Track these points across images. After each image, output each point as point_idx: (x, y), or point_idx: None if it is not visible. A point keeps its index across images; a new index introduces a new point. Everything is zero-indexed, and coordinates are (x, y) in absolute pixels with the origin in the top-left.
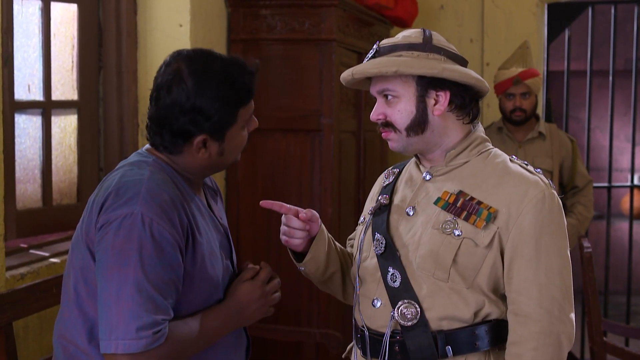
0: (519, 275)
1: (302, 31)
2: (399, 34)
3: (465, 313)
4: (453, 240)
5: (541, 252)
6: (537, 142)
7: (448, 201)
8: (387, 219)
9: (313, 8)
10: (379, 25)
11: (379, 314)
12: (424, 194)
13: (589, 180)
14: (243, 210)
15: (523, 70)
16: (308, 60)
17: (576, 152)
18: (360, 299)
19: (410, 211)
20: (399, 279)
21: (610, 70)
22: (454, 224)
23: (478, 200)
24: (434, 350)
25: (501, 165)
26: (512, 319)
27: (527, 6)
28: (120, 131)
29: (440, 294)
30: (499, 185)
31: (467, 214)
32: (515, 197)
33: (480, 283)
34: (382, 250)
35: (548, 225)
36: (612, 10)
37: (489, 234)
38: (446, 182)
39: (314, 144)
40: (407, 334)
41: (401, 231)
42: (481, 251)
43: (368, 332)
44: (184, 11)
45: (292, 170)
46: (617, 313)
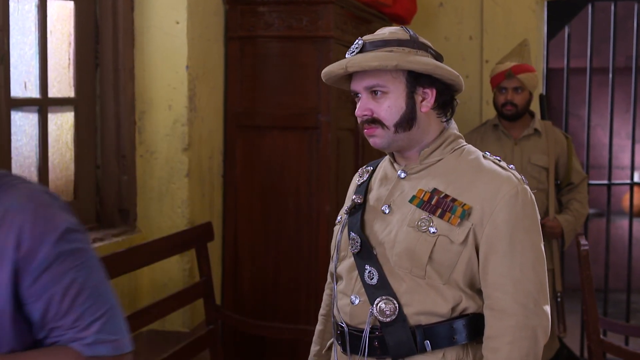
0: (494, 271)
1: (300, 28)
2: (381, 30)
3: (442, 308)
4: (429, 237)
5: (515, 247)
6: (533, 139)
7: (423, 199)
8: (362, 218)
9: (310, 5)
10: (377, 23)
11: (358, 311)
12: (399, 192)
13: (584, 177)
14: (241, 208)
15: (516, 64)
16: (306, 57)
17: (571, 149)
18: (339, 296)
19: (386, 209)
20: (376, 277)
21: (610, 67)
22: (429, 221)
23: (452, 198)
24: (413, 345)
25: (474, 162)
26: (488, 314)
27: (527, 3)
28: (117, 129)
29: (417, 290)
30: (472, 182)
31: (441, 211)
32: (488, 193)
33: (457, 279)
34: (357, 249)
35: (521, 220)
36: (612, 8)
37: (463, 231)
38: (421, 180)
39: (311, 142)
40: (386, 329)
41: (377, 229)
42: (456, 248)
43: (348, 329)
44: (180, 8)
45: (290, 167)
46: (618, 311)
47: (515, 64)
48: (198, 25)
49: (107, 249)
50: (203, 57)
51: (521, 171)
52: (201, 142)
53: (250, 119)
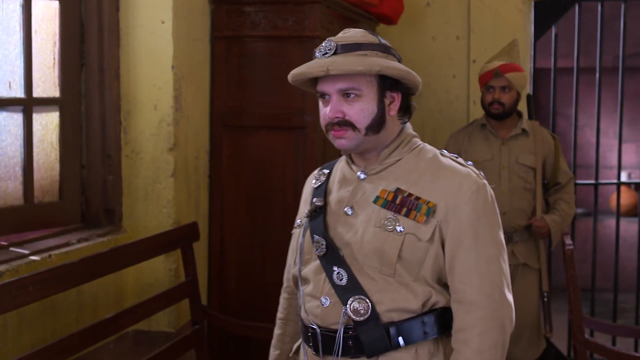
0: (461, 265)
1: (286, 28)
2: (348, 32)
3: (413, 304)
4: (396, 237)
5: (479, 241)
6: (521, 138)
7: (387, 199)
8: (324, 221)
9: (297, 5)
10: (364, 23)
11: (329, 312)
12: (360, 193)
13: (571, 177)
14: (227, 207)
15: (504, 64)
16: (292, 57)
17: (558, 149)
18: (306, 299)
19: (349, 211)
20: (346, 277)
21: (597, 67)
22: (395, 221)
23: (416, 196)
24: (387, 341)
25: (433, 160)
26: (457, 307)
27: (514, 3)
28: (102, 128)
29: (388, 288)
30: (434, 180)
31: (407, 210)
32: (450, 190)
33: (425, 275)
34: (323, 251)
35: (483, 214)
36: (599, 8)
37: (430, 228)
38: (382, 180)
39: (297, 141)
40: (360, 328)
41: (341, 231)
42: (424, 245)
43: (320, 330)
44: (166, 8)
45: (276, 167)
46: (606, 310)
47: (503, 63)
48: (183, 25)
49: (93, 249)
50: (189, 56)
51: (509, 171)
52: (187, 142)
53: (236, 119)
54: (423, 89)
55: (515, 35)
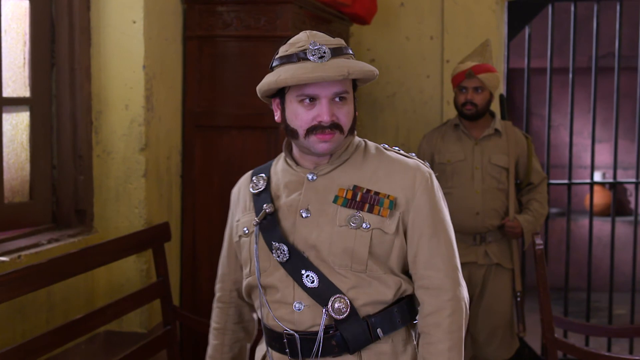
0: (425, 252)
1: (258, 28)
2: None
3: (387, 295)
4: (364, 233)
5: (437, 227)
6: (493, 139)
7: (346, 197)
8: (279, 226)
9: (269, 5)
10: (338, 23)
11: (305, 316)
12: (313, 194)
13: (544, 177)
14: (199, 207)
15: (477, 64)
16: (264, 57)
17: (531, 149)
18: (274, 306)
19: (305, 213)
20: (316, 279)
21: (570, 67)
22: (360, 218)
23: (375, 191)
24: (368, 335)
25: (381, 154)
26: (424, 293)
27: (487, 4)
28: (73, 128)
29: (361, 283)
30: (388, 174)
31: (369, 206)
32: (406, 182)
33: (392, 266)
34: (286, 257)
35: (437, 202)
36: (572, 8)
37: (394, 221)
38: (333, 180)
39: (269, 142)
40: (341, 326)
41: (302, 235)
42: (390, 238)
43: (299, 335)
44: (137, 7)
45: (249, 167)
46: (580, 309)
47: (476, 63)
48: (155, 25)
49: (63, 249)
50: (160, 56)
51: (481, 171)
52: (159, 142)
53: (208, 119)
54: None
55: (489, 36)
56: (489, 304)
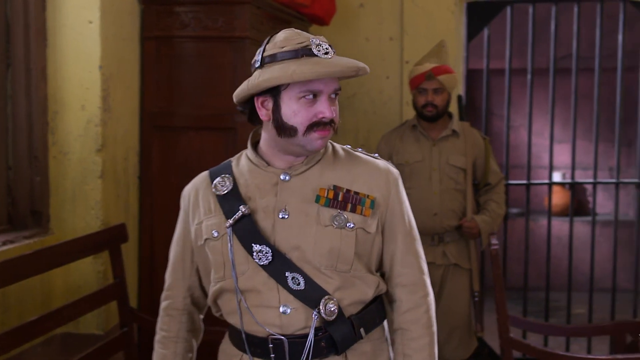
0: (401, 250)
1: (216, 29)
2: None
3: (368, 294)
4: (349, 233)
5: (409, 225)
6: (451, 140)
7: (328, 197)
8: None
9: (226, 5)
10: (297, 23)
11: (292, 319)
12: (289, 194)
13: (502, 177)
14: (157, 209)
15: (436, 66)
16: (222, 58)
17: (489, 150)
18: (256, 310)
19: (283, 214)
20: (302, 281)
21: (529, 68)
22: (344, 217)
23: (354, 191)
24: (354, 335)
25: (350, 155)
26: (400, 290)
27: (446, 5)
28: (29, 129)
29: (346, 284)
30: (361, 174)
31: (352, 205)
32: (381, 182)
33: (371, 265)
34: (269, 260)
35: (405, 201)
36: (531, 10)
37: (374, 220)
38: (307, 180)
39: (227, 142)
40: (331, 327)
41: (283, 236)
42: (371, 237)
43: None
44: (93, 7)
45: (207, 168)
46: (540, 309)
47: (435, 65)
48: (112, 25)
49: (19, 251)
50: (117, 57)
51: (439, 172)
52: (116, 143)
53: (166, 120)
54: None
55: (448, 37)
56: (447, 304)
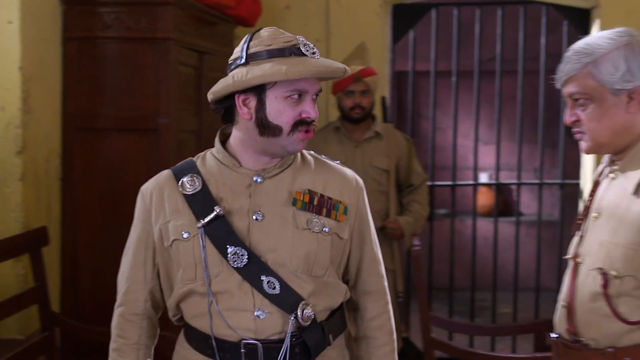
0: (367, 258)
1: (139, 29)
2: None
3: (338, 301)
4: (326, 237)
5: (373, 233)
6: (374, 141)
7: (304, 201)
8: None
9: (149, 6)
10: (222, 25)
11: (267, 323)
12: (263, 197)
13: (425, 178)
14: (80, 211)
15: (363, 68)
16: (145, 59)
17: (411, 151)
18: (228, 314)
19: (258, 217)
20: (278, 285)
21: (453, 70)
22: (320, 222)
23: (328, 196)
24: (324, 341)
25: (318, 161)
26: (365, 297)
27: (372, 7)
28: None
29: (319, 289)
30: (334, 181)
31: (327, 210)
32: (350, 190)
33: (340, 271)
34: (245, 262)
35: (369, 209)
36: (455, 12)
37: (347, 226)
38: (281, 183)
39: (151, 144)
40: (305, 333)
41: (258, 238)
42: (343, 243)
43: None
44: (13, 8)
45: (130, 170)
46: (467, 309)
47: (361, 67)
48: (32, 25)
49: None
50: (38, 57)
51: (363, 174)
52: (36, 145)
53: (89, 121)
54: None
55: (374, 38)
56: None
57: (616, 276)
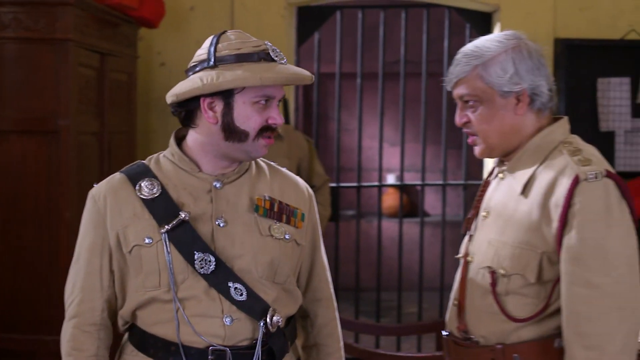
0: (318, 264)
1: (37, 30)
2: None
3: (294, 308)
4: (287, 244)
5: (321, 239)
6: (275, 143)
7: (265, 207)
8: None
9: (48, 7)
10: (125, 26)
11: (236, 330)
12: (224, 202)
13: (326, 179)
14: None
15: None
16: (43, 60)
17: (313, 152)
18: (195, 320)
19: (221, 222)
20: (245, 292)
21: (358, 72)
22: (281, 228)
23: (286, 203)
24: (286, 348)
25: (274, 168)
26: (316, 305)
27: (276, 9)
28: None
29: (281, 296)
30: (288, 188)
31: (286, 217)
32: (304, 197)
33: (295, 278)
34: (212, 268)
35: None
36: (360, 15)
37: (304, 233)
38: (239, 189)
39: (50, 146)
40: (271, 339)
41: (223, 244)
42: (301, 249)
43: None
44: None
45: (29, 173)
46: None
47: None
48: None
49: None
50: None
51: None
52: None
53: None
54: None
55: (279, 40)
56: None
57: (504, 274)
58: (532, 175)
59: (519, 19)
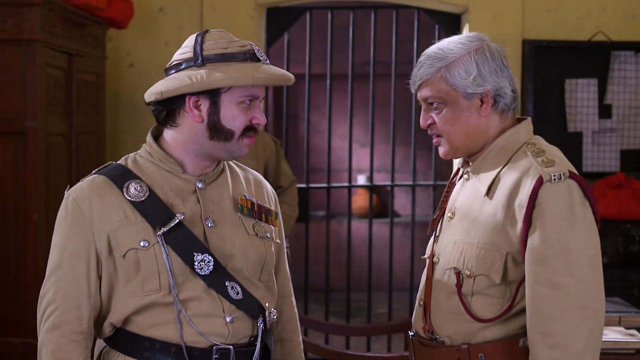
0: (282, 262)
1: (4, 30)
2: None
3: (274, 304)
4: (269, 242)
5: (285, 238)
6: None
7: (248, 207)
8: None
9: (15, 7)
10: (93, 27)
11: (237, 328)
12: (210, 202)
13: (293, 180)
14: None
15: None
16: (10, 60)
17: (280, 152)
18: (197, 320)
19: (210, 223)
20: (240, 290)
21: (328, 73)
22: (263, 227)
23: (261, 202)
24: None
25: (242, 168)
26: (282, 301)
27: (246, 10)
28: None
29: (267, 294)
30: (259, 187)
31: (265, 216)
32: (271, 195)
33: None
34: (211, 269)
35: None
36: (330, 16)
37: (279, 231)
38: (219, 189)
39: (18, 148)
40: (265, 336)
41: (216, 244)
42: (277, 246)
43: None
44: None
45: None
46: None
47: None
48: None
49: None
50: None
51: None
52: None
53: None
54: None
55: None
56: None
57: (469, 275)
58: (496, 176)
59: (487, 20)
